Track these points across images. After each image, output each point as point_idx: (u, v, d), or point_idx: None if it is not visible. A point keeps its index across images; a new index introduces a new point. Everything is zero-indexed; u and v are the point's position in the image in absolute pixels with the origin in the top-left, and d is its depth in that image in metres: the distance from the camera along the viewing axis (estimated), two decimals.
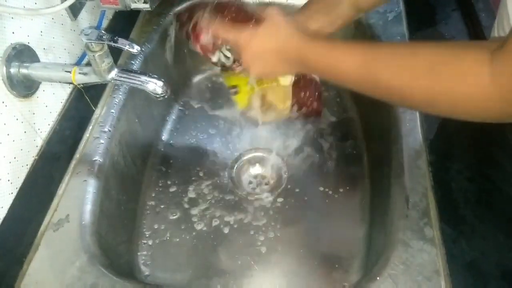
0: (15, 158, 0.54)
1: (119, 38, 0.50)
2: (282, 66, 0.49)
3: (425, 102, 0.39)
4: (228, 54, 0.55)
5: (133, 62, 0.72)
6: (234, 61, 0.55)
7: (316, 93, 0.59)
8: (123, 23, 0.78)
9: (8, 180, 0.53)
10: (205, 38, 0.52)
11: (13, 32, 0.53)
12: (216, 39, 0.52)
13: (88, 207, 0.55)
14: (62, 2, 0.54)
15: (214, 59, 0.56)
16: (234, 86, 0.58)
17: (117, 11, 0.77)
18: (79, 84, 0.57)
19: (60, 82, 0.62)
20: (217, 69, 0.63)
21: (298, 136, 0.79)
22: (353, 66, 0.42)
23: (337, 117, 0.83)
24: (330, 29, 0.56)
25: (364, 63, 0.41)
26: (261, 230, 0.68)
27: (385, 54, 0.41)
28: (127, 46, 0.50)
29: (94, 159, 0.59)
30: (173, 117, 0.85)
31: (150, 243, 0.67)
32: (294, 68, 0.49)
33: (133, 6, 0.61)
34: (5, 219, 0.52)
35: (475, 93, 0.34)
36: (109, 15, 0.76)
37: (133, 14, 0.80)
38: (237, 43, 0.49)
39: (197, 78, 0.90)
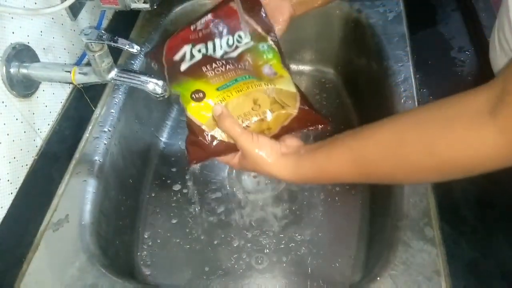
0: (14, 158, 0.54)
1: (119, 38, 0.50)
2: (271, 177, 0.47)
3: (435, 178, 0.39)
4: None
5: (133, 62, 0.72)
6: None
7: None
8: (123, 23, 0.78)
9: (8, 180, 0.53)
10: None
11: (13, 32, 0.53)
12: None
13: (88, 207, 0.55)
14: (62, 2, 0.54)
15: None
16: (198, 91, 0.47)
17: (117, 11, 0.77)
18: (79, 84, 0.57)
19: (60, 82, 0.62)
20: None
21: (298, 136, 0.79)
22: (347, 172, 0.40)
23: (338, 118, 0.83)
24: (311, 4, 0.57)
25: (355, 165, 0.39)
26: (261, 230, 0.68)
27: (372, 150, 0.38)
28: (127, 46, 0.50)
29: (94, 159, 0.59)
30: (173, 117, 0.85)
31: (150, 243, 0.67)
32: (295, 181, 0.47)
33: (133, 6, 0.61)
34: (4, 219, 0.52)
35: (486, 157, 0.32)
36: (109, 15, 0.76)
37: (133, 14, 0.80)
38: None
39: None
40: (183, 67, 0.50)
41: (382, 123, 0.39)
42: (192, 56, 0.51)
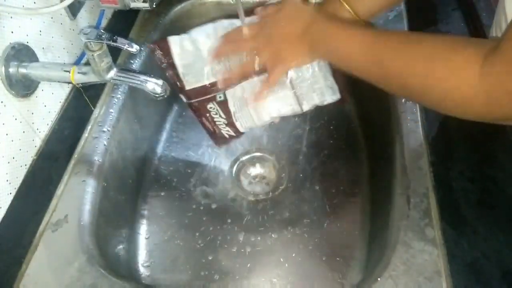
0: (13, 158, 0.53)
1: (118, 38, 0.50)
2: (307, 50, 0.51)
3: (419, 89, 0.41)
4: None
5: (132, 61, 0.71)
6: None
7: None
8: (122, 23, 0.78)
9: (7, 180, 0.52)
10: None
11: (12, 32, 0.53)
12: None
13: (87, 208, 0.55)
14: (61, 1, 0.53)
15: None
16: None
17: (116, 10, 0.77)
18: (78, 84, 0.56)
19: (59, 81, 0.61)
20: None
21: (298, 136, 0.79)
22: (363, 46, 0.45)
23: (338, 118, 0.82)
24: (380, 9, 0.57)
25: (373, 44, 0.44)
26: (261, 231, 0.68)
27: (392, 38, 0.43)
28: (126, 46, 0.50)
29: (93, 159, 0.59)
30: (173, 117, 0.84)
31: (149, 244, 0.67)
32: (316, 51, 0.51)
33: (133, 5, 0.61)
34: (3, 219, 0.52)
35: (464, 88, 0.35)
36: (108, 14, 0.76)
37: (133, 14, 0.80)
38: (258, 37, 0.53)
39: None
40: None
41: (409, 32, 0.47)
42: None
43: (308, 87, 0.55)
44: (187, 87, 0.58)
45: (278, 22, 0.52)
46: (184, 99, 0.60)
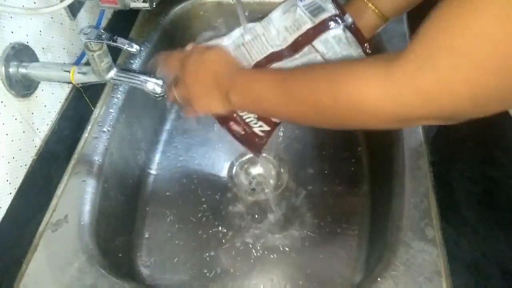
0: (13, 158, 0.53)
1: (118, 38, 0.50)
2: (215, 92, 0.48)
3: (329, 109, 0.39)
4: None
5: (132, 61, 0.71)
6: None
7: None
8: (122, 23, 0.78)
9: (7, 180, 0.52)
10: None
11: (12, 32, 0.53)
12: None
13: (87, 208, 0.55)
14: (61, 1, 0.53)
15: None
16: None
17: (116, 10, 0.76)
18: (78, 84, 0.56)
19: (59, 81, 0.61)
20: None
21: (298, 136, 0.79)
22: (272, 93, 0.43)
23: None
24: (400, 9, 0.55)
25: (282, 87, 0.43)
26: (261, 231, 0.68)
27: (298, 71, 0.43)
28: (126, 46, 0.50)
29: (93, 159, 0.59)
30: (173, 117, 0.84)
31: (149, 244, 0.67)
32: (222, 99, 0.48)
33: (133, 5, 0.61)
34: (3, 219, 0.52)
35: (370, 99, 0.34)
36: (108, 14, 0.76)
37: (133, 13, 0.80)
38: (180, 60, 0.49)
39: None
40: None
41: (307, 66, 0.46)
42: None
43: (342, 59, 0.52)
44: None
45: (200, 63, 0.48)
46: None
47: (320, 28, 0.51)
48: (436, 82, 0.30)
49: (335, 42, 0.51)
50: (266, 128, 0.53)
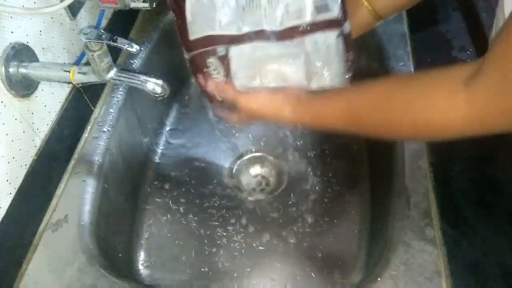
0: (13, 158, 0.53)
1: (118, 38, 0.50)
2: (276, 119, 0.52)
3: (409, 135, 0.44)
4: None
5: (132, 61, 0.71)
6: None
7: None
8: (122, 23, 0.78)
9: (7, 181, 0.52)
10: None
11: (12, 32, 0.53)
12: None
13: (87, 208, 0.55)
14: (61, 1, 0.53)
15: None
16: None
17: (116, 10, 0.76)
18: (78, 84, 0.56)
19: (59, 81, 0.61)
20: None
21: (298, 136, 0.79)
22: (339, 119, 0.46)
23: None
24: None
25: (348, 115, 0.45)
26: (261, 231, 0.68)
27: (364, 104, 0.44)
28: (126, 46, 0.50)
29: (93, 159, 0.59)
30: (173, 117, 0.84)
31: (149, 244, 0.67)
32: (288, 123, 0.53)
33: (133, 5, 0.61)
34: (3, 219, 0.52)
35: (454, 121, 0.36)
36: (108, 14, 0.76)
37: (133, 13, 0.80)
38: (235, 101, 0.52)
39: None
40: None
41: (376, 82, 0.44)
42: None
43: (322, 66, 0.53)
44: (191, 37, 0.53)
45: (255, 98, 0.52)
46: (185, 55, 0.55)
47: (318, 26, 0.50)
48: None
49: (323, 46, 0.51)
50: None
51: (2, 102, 0.51)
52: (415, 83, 0.40)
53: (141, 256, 0.66)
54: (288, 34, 0.51)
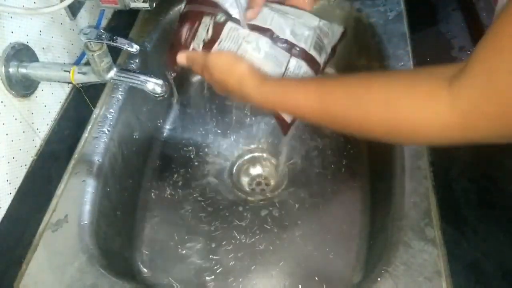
0: (13, 158, 0.53)
1: (118, 38, 0.50)
2: (239, 97, 0.48)
3: (384, 133, 0.38)
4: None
5: (132, 61, 0.71)
6: None
7: None
8: (122, 23, 0.78)
9: (7, 181, 0.52)
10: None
11: (12, 32, 0.53)
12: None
13: (87, 208, 0.55)
14: (61, 1, 0.53)
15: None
16: None
17: (116, 10, 0.76)
18: (78, 84, 0.56)
19: (59, 81, 0.61)
20: None
21: (298, 137, 0.79)
22: (309, 105, 0.42)
23: None
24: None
25: (319, 99, 0.41)
26: (261, 231, 0.68)
27: (338, 89, 0.40)
28: (126, 46, 0.50)
29: (93, 159, 0.59)
30: (173, 117, 0.84)
31: (149, 244, 0.67)
32: (250, 101, 0.47)
33: (133, 5, 0.61)
34: (3, 219, 0.52)
35: (435, 121, 0.33)
36: (108, 14, 0.76)
37: (133, 13, 0.79)
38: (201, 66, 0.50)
39: (196, 77, 0.90)
40: None
41: (356, 75, 0.41)
42: None
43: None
44: None
45: (218, 73, 0.48)
46: (184, 6, 0.56)
47: (305, 57, 0.53)
48: (500, 104, 0.30)
49: (299, 73, 0.53)
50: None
51: (2, 102, 0.51)
52: (399, 77, 0.37)
53: (141, 256, 0.66)
54: (283, 44, 0.53)
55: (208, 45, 0.54)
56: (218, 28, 0.53)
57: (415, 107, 0.34)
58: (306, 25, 0.54)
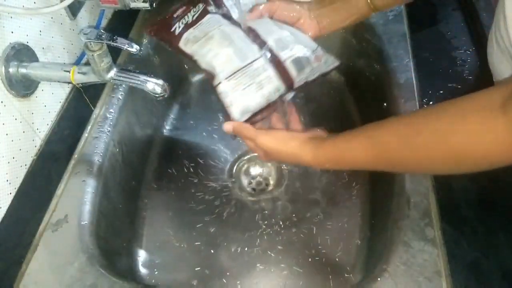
0: (13, 158, 0.53)
1: (118, 38, 0.50)
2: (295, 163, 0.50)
3: (446, 169, 0.39)
4: None
5: (132, 61, 0.71)
6: None
7: None
8: (122, 22, 0.78)
9: (7, 181, 0.52)
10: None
11: (12, 32, 0.53)
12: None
13: (87, 208, 0.55)
14: (61, 1, 0.53)
15: None
16: None
17: (116, 10, 0.76)
18: (78, 84, 0.56)
19: (59, 81, 0.61)
20: None
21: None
22: (366, 158, 0.43)
23: (339, 117, 0.82)
24: (340, 24, 0.56)
25: (372, 151, 0.42)
26: (261, 231, 0.68)
27: (392, 139, 0.40)
28: (126, 46, 0.50)
29: (93, 159, 0.59)
30: (173, 117, 0.84)
31: (149, 244, 0.67)
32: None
33: (133, 5, 0.61)
34: (3, 219, 0.52)
35: (495, 149, 0.33)
36: (108, 14, 0.76)
37: (133, 13, 0.80)
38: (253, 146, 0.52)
39: (196, 77, 0.90)
40: None
41: (400, 116, 0.42)
42: None
43: (246, 87, 0.51)
44: None
45: (270, 151, 0.50)
46: None
47: (277, 66, 0.51)
48: None
49: (259, 71, 0.51)
50: (180, 30, 0.55)
51: (2, 102, 0.51)
52: (446, 112, 0.37)
53: (141, 256, 0.66)
54: (261, 45, 0.51)
55: (186, 26, 0.54)
56: (203, 14, 0.54)
57: (470, 137, 0.34)
58: (298, 42, 0.52)
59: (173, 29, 0.55)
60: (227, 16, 0.55)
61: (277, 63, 0.50)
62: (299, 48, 0.52)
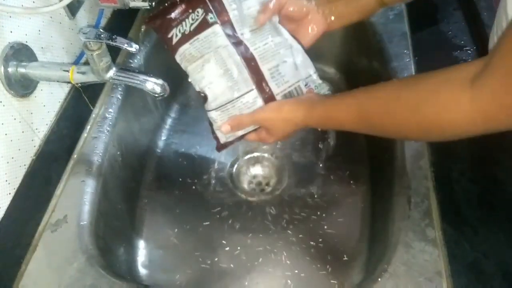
0: (12, 158, 0.53)
1: (118, 37, 0.50)
2: (293, 132, 0.55)
3: (417, 136, 0.46)
4: None
5: (131, 61, 0.71)
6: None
7: None
8: (121, 22, 0.77)
9: (6, 181, 0.52)
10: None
11: (11, 31, 0.53)
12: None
13: (86, 208, 0.54)
14: (60, 1, 0.53)
15: None
16: None
17: (115, 9, 0.76)
18: (77, 84, 0.56)
19: (58, 81, 0.61)
20: None
21: (298, 136, 0.79)
22: (351, 120, 0.47)
23: None
24: (348, 20, 0.57)
25: (357, 114, 0.46)
26: (261, 231, 0.67)
27: (372, 102, 0.45)
28: (126, 45, 0.50)
29: (92, 159, 0.59)
30: (172, 117, 0.84)
31: (149, 244, 0.67)
32: (301, 128, 0.54)
33: (132, 4, 0.61)
34: (2, 219, 0.51)
35: (460, 120, 0.36)
36: (107, 13, 0.76)
37: (132, 13, 0.79)
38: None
39: None
40: None
41: (386, 83, 0.46)
42: None
43: (233, 87, 0.54)
44: None
45: (276, 132, 0.54)
46: None
47: (260, 89, 0.54)
48: None
49: (248, 105, 0.55)
50: (178, 38, 0.56)
51: (1, 102, 0.51)
52: (423, 83, 0.40)
53: (141, 256, 0.66)
54: (253, 70, 0.53)
55: (183, 38, 0.54)
56: (202, 27, 0.54)
57: (442, 108, 0.37)
58: (295, 73, 0.55)
59: (170, 35, 0.55)
60: (227, 28, 0.54)
61: (269, 98, 0.54)
62: (294, 80, 0.55)
